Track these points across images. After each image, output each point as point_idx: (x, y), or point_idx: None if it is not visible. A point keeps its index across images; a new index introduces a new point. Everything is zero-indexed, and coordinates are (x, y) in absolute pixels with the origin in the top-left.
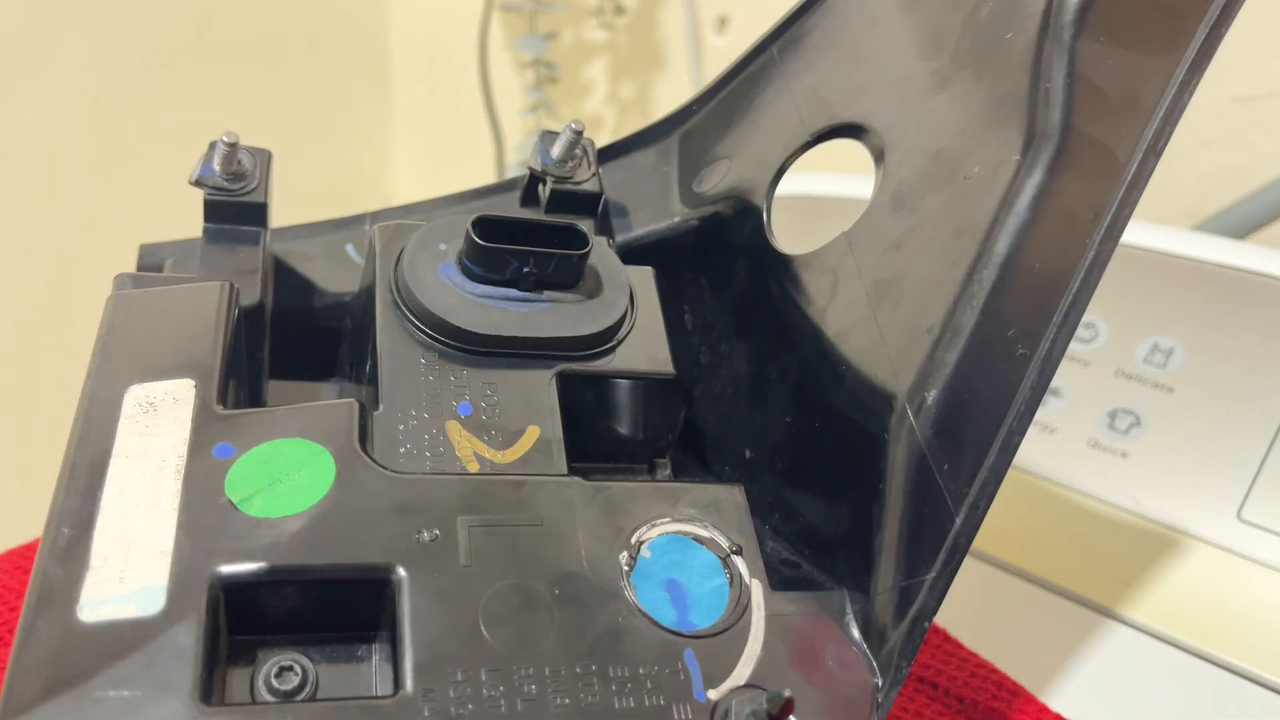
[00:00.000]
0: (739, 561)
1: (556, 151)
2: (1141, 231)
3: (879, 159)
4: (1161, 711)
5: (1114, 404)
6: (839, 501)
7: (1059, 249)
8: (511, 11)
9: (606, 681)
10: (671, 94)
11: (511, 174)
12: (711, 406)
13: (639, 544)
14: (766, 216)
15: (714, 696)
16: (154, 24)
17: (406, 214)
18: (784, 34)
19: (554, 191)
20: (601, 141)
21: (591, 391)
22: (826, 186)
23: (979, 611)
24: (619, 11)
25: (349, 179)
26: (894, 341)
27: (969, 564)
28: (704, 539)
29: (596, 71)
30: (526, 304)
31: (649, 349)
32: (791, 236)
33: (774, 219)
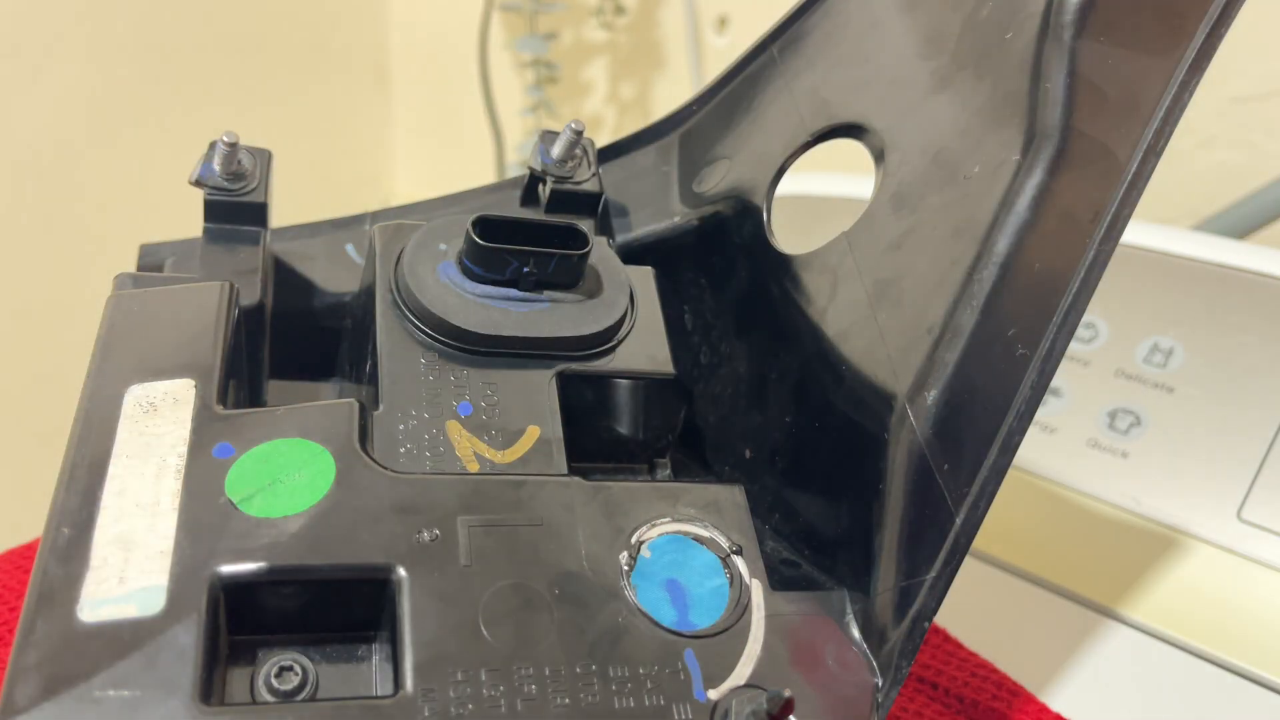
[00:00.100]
0: (739, 561)
1: (556, 151)
2: (1141, 231)
3: (879, 159)
4: (1161, 711)
5: (1114, 404)
6: (839, 501)
7: (1059, 249)
8: (511, 11)
9: (606, 681)
10: (671, 94)
11: (511, 174)
12: (711, 406)
13: (639, 544)
14: (766, 216)
15: (714, 696)
16: (154, 24)
17: (406, 214)
18: (784, 34)
19: (554, 191)
20: (601, 141)
21: (591, 391)
22: (826, 186)
23: (979, 611)
24: (619, 11)
25: (349, 179)
26: (894, 341)
27: (969, 564)
28: (704, 539)
29: (596, 71)
30: (526, 304)
31: (649, 349)
32: (791, 236)
33: (774, 219)
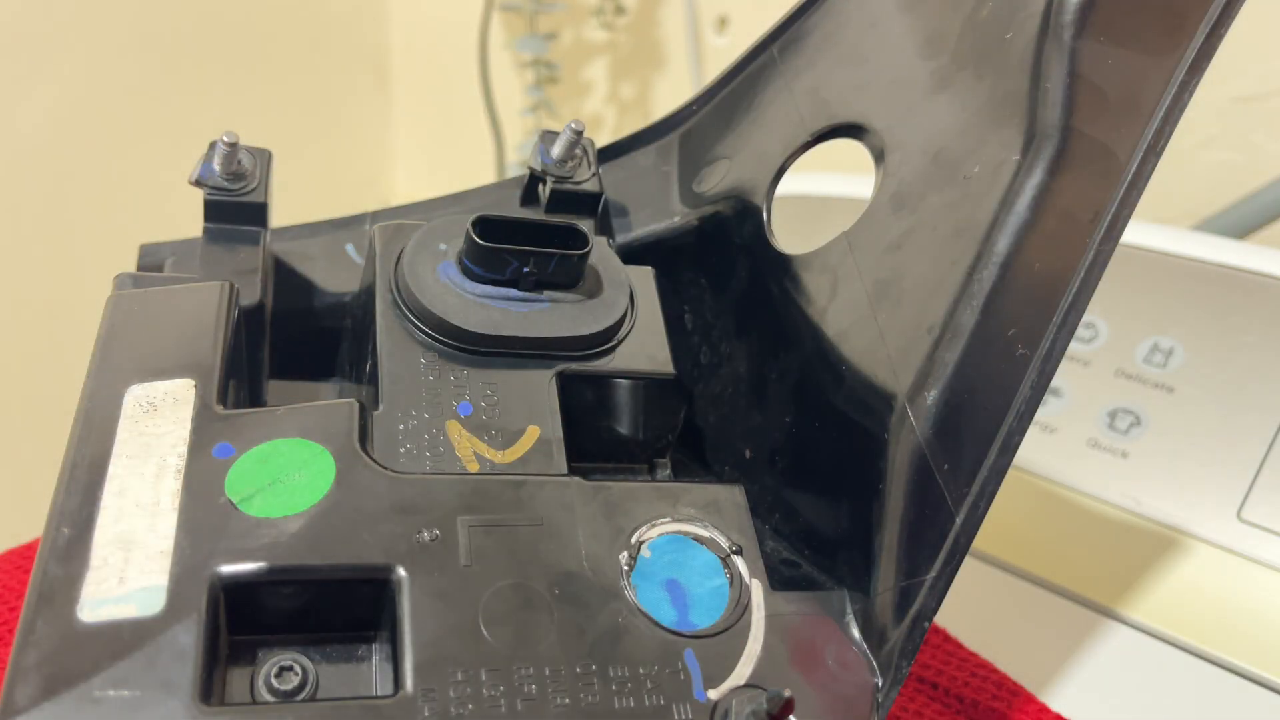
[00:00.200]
0: (739, 561)
1: (556, 151)
2: (1141, 231)
3: (879, 159)
4: (1161, 711)
5: (1114, 404)
6: (839, 501)
7: (1059, 249)
8: (511, 11)
9: (606, 681)
10: (671, 94)
11: (511, 174)
12: (711, 406)
13: (639, 544)
14: (766, 216)
15: (714, 696)
16: (154, 24)
17: (406, 214)
18: (784, 34)
19: (554, 191)
20: (601, 141)
21: (591, 391)
22: (826, 186)
23: (979, 611)
24: (619, 11)
25: (349, 179)
26: (894, 341)
27: (969, 564)
28: (704, 539)
29: (596, 71)
30: (526, 304)
31: (649, 349)
32: (791, 236)
33: (774, 219)
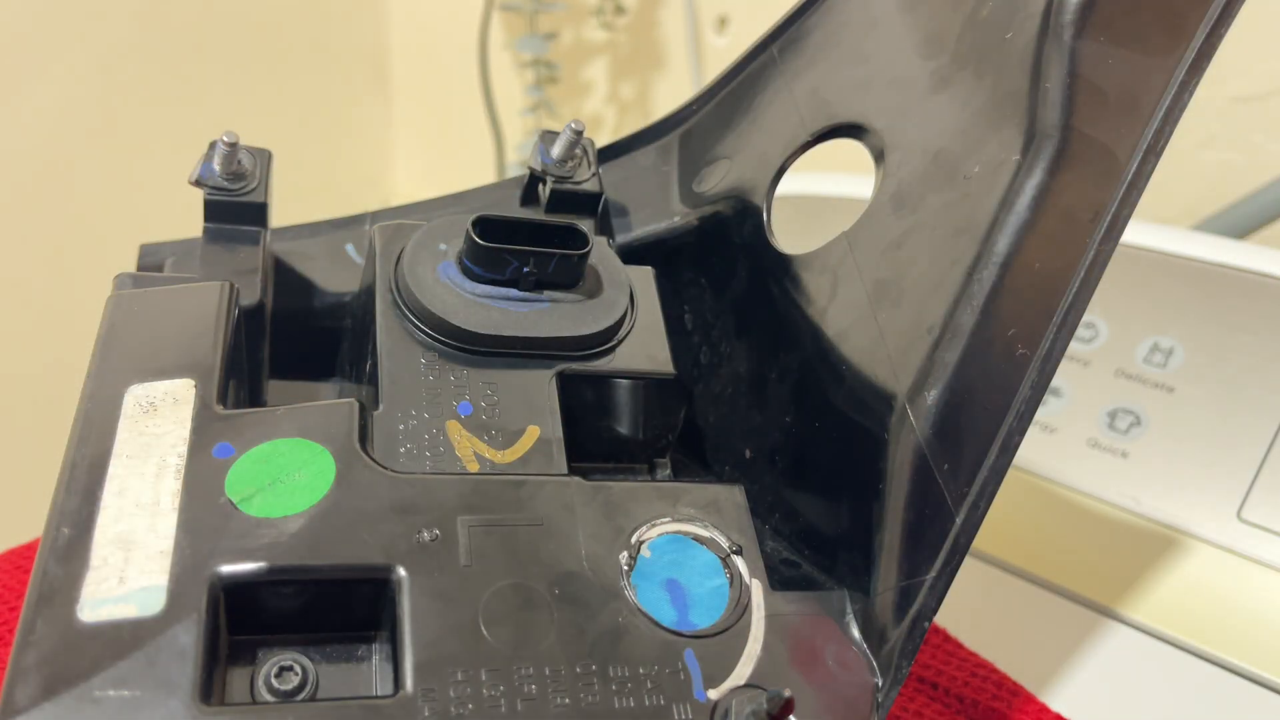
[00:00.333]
0: (739, 561)
1: (556, 151)
2: (1141, 231)
3: (879, 159)
4: (1161, 711)
5: (1114, 404)
6: (839, 501)
7: (1059, 249)
8: (511, 11)
9: (606, 681)
10: (671, 94)
11: (511, 174)
12: (711, 406)
13: (639, 544)
14: (766, 216)
15: (714, 696)
16: (154, 24)
17: (406, 214)
18: (784, 34)
19: (554, 191)
20: (601, 141)
21: (591, 391)
22: (826, 186)
23: (979, 611)
24: (619, 11)
25: (349, 179)
26: (894, 341)
27: (969, 564)
28: (704, 539)
29: (596, 71)
30: (526, 304)
31: (649, 349)
32: (791, 236)
33: (774, 219)
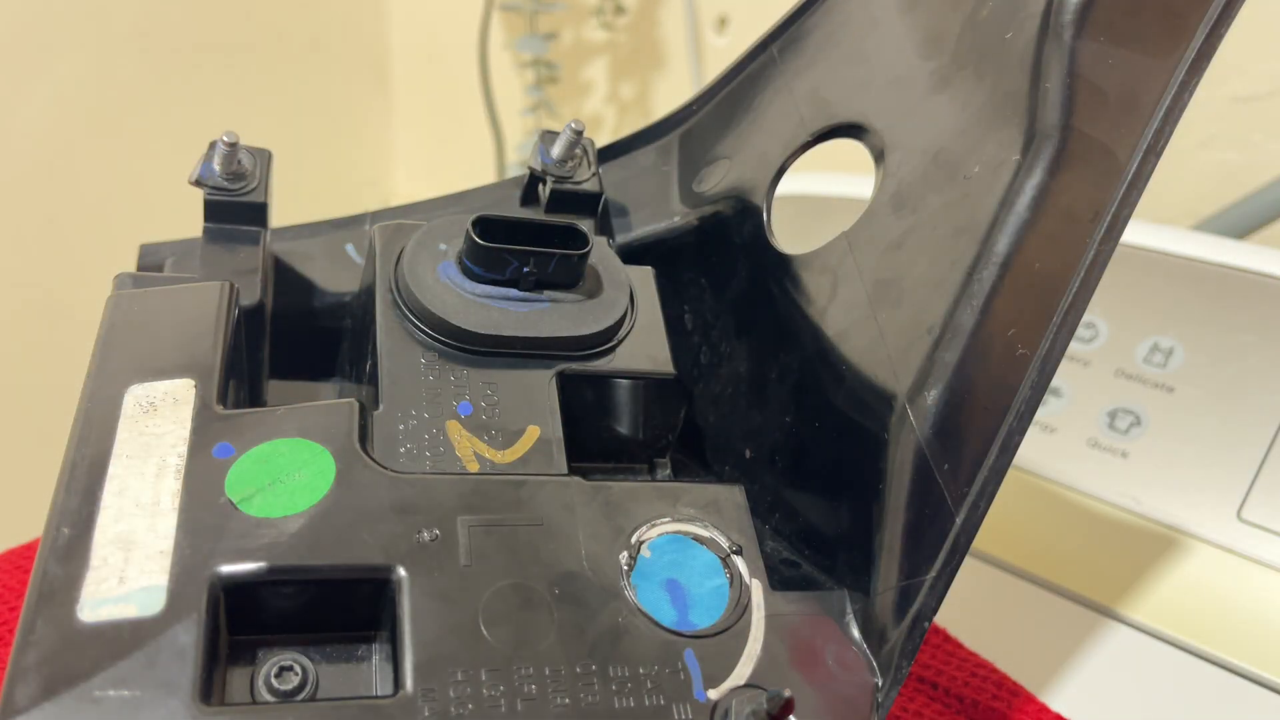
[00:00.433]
0: (739, 561)
1: (556, 151)
2: (1141, 231)
3: (879, 159)
4: (1161, 711)
5: (1114, 404)
6: (839, 501)
7: (1059, 249)
8: (511, 11)
9: (606, 681)
10: (671, 94)
11: (511, 174)
12: (711, 406)
13: (639, 544)
14: (766, 216)
15: (714, 696)
16: (154, 24)
17: (406, 214)
18: (784, 34)
19: (554, 191)
20: (601, 141)
21: (591, 391)
22: (826, 186)
23: (979, 611)
24: (619, 11)
25: (349, 179)
26: (894, 341)
27: (969, 564)
28: (704, 539)
29: (596, 71)
30: (526, 304)
31: (649, 349)
32: (791, 236)
33: (774, 219)
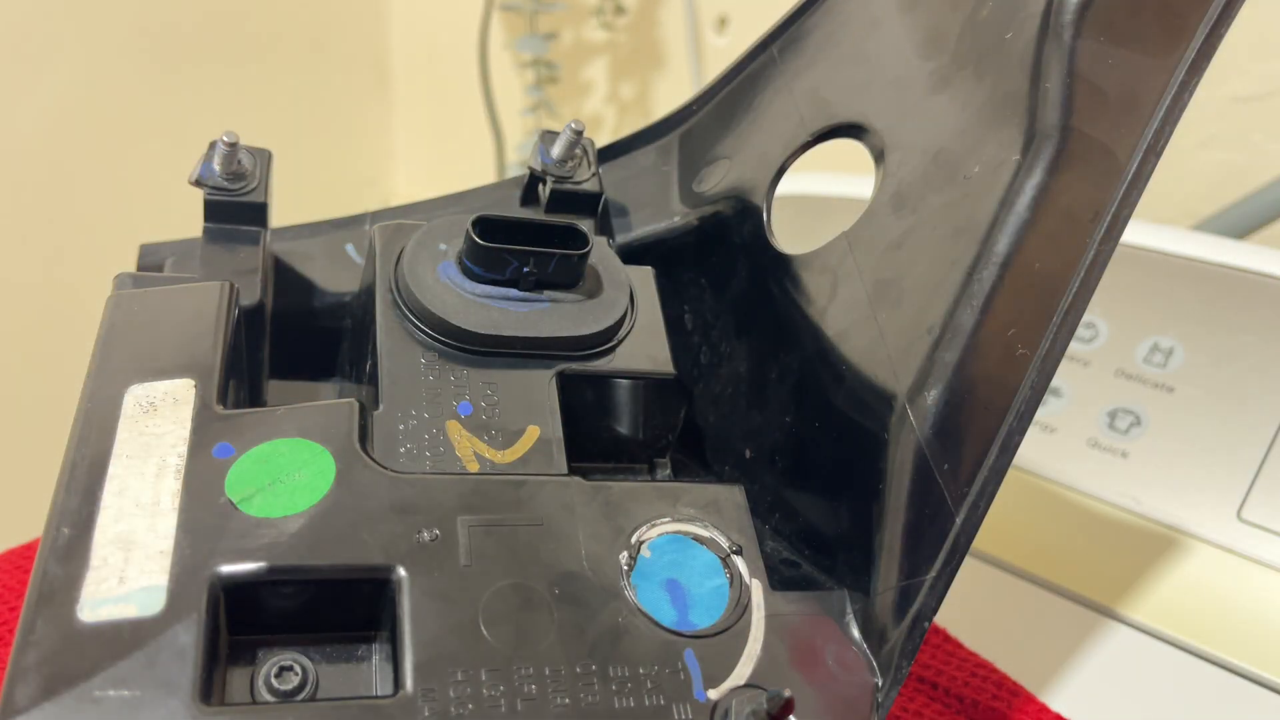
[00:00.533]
0: (739, 561)
1: (556, 151)
2: (1141, 231)
3: (879, 159)
4: (1161, 711)
5: (1114, 404)
6: (839, 501)
7: (1059, 249)
8: (511, 11)
9: (606, 681)
10: (671, 94)
11: (511, 174)
12: (711, 406)
13: (639, 544)
14: (766, 216)
15: (714, 696)
16: (154, 24)
17: (406, 214)
18: (784, 34)
19: (554, 191)
20: (601, 141)
21: (591, 391)
22: (826, 186)
23: (979, 611)
24: (619, 11)
25: (349, 179)
26: (894, 341)
27: (969, 564)
28: (704, 539)
29: (596, 71)
30: (526, 304)
31: (649, 349)
32: (791, 236)
33: (774, 219)
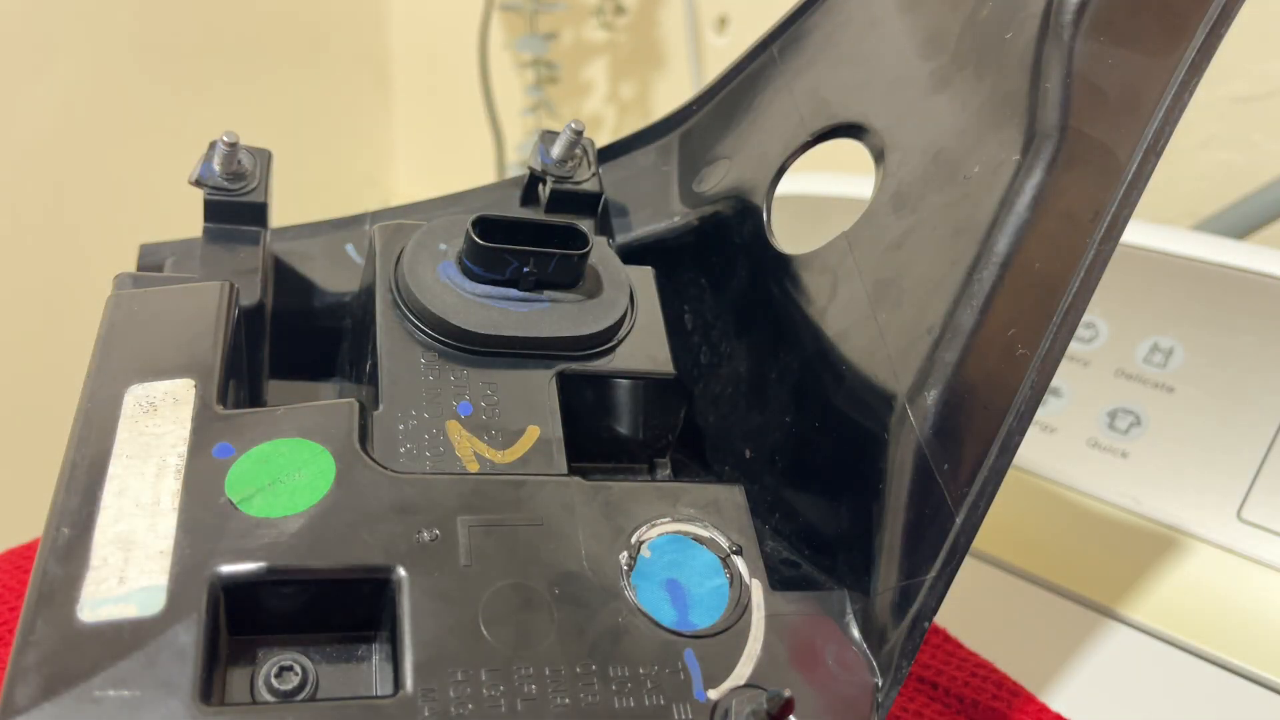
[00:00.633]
0: (739, 561)
1: (556, 151)
2: (1141, 231)
3: (879, 159)
4: (1161, 711)
5: (1114, 404)
6: (839, 501)
7: (1059, 249)
8: (511, 11)
9: (606, 681)
10: (671, 94)
11: (511, 174)
12: (711, 406)
13: (639, 544)
14: (766, 216)
15: (714, 696)
16: (154, 23)
17: (406, 214)
18: (784, 34)
19: (554, 191)
20: (601, 141)
21: (591, 391)
22: (826, 186)
23: (979, 611)
24: (619, 11)
25: (349, 179)
26: (894, 341)
27: (969, 564)
28: (704, 539)
29: (596, 71)
30: (526, 304)
31: (649, 349)
32: (791, 236)
33: (774, 219)
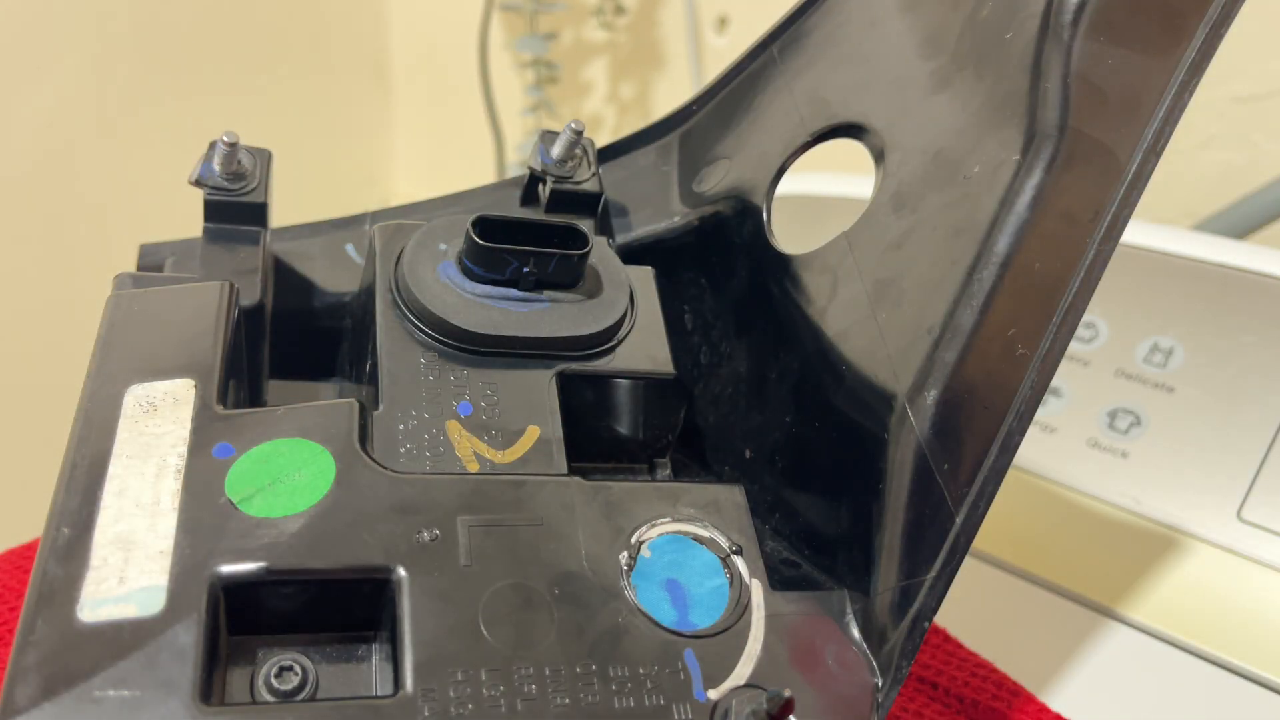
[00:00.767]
0: (739, 561)
1: (556, 151)
2: (1141, 231)
3: (879, 159)
4: (1161, 711)
5: (1114, 404)
6: (839, 501)
7: (1059, 249)
8: (511, 11)
9: (606, 681)
10: (671, 94)
11: (511, 174)
12: (711, 406)
13: (639, 544)
14: (766, 216)
15: (714, 696)
16: (154, 23)
17: (406, 214)
18: (784, 34)
19: (554, 191)
20: (601, 141)
21: (591, 391)
22: (826, 186)
23: (979, 611)
24: (619, 11)
25: (349, 179)
26: (894, 341)
27: (969, 564)
28: (704, 539)
29: (596, 71)
30: (526, 304)
31: (649, 349)
32: (791, 236)
33: (774, 219)
